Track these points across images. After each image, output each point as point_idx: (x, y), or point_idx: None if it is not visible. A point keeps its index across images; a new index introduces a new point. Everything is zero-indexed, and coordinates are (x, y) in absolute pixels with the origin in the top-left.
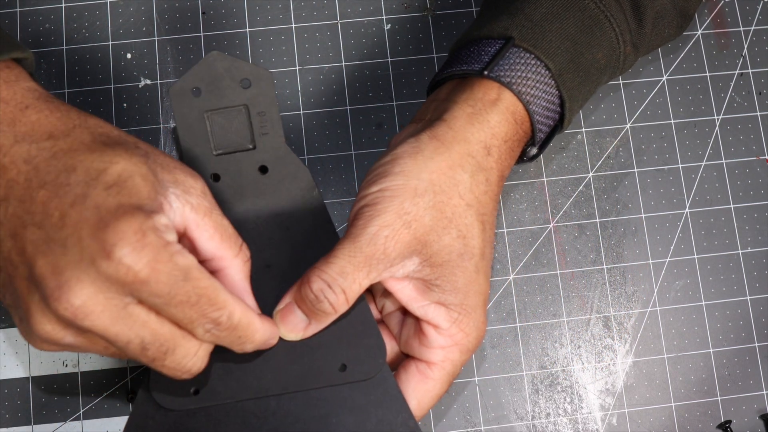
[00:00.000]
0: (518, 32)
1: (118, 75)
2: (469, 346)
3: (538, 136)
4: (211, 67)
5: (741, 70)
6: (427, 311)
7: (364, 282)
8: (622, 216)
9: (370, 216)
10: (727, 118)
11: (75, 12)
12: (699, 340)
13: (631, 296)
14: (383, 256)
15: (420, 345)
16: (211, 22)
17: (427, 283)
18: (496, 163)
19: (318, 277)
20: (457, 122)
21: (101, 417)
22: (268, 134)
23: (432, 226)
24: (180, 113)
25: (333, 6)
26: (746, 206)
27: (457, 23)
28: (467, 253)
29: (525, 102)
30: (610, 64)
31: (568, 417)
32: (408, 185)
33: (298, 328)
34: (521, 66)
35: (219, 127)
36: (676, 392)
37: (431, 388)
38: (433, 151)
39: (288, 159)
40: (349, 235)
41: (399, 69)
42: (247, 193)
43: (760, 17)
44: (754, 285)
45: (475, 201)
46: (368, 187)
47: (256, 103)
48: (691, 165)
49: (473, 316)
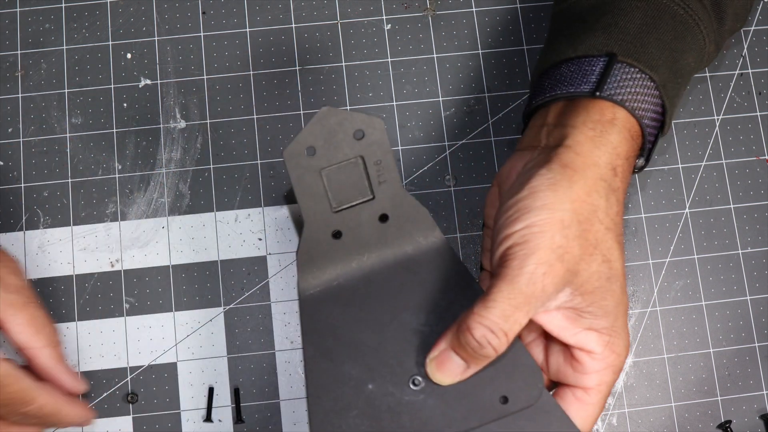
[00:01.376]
0: (619, 47)
1: (118, 75)
2: (620, 365)
3: (646, 147)
4: (323, 123)
5: (741, 70)
6: (580, 339)
7: (524, 321)
8: None
9: (525, 255)
10: (727, 118)
11: (75, 12)
12: (699, 340)
13: (631, 296)
14: (542, 294)
15: (574, 372)
16: (211, 22)
17: (578, 311)
18: (621, 182)
19: (480, 324)
20: (582, 147)
21: (101, 417)
22: (386, 182)
23: (581, 255)
24: (296, 175)
25: (333, 6)
26: (746, 206)
27: (457, 23)
28: (613, 276)
29: (638, 117)
30: (697, 65)
31: None
32: (554, 218)
33: (457, 374)
34: (629, 82)
35: (336, 183)
36: (676, 392)
37: (591, 412)
38: (569, 181)
39: (407, 203)
40: (504, 277)
41: (399, 69)
42: (370, 244)
43: (760, 17)
44: (754, 285)
45: (612, 224)
46: (512, 225)
47: (371, 152)
48: (691, 165)
49: (622, 336)
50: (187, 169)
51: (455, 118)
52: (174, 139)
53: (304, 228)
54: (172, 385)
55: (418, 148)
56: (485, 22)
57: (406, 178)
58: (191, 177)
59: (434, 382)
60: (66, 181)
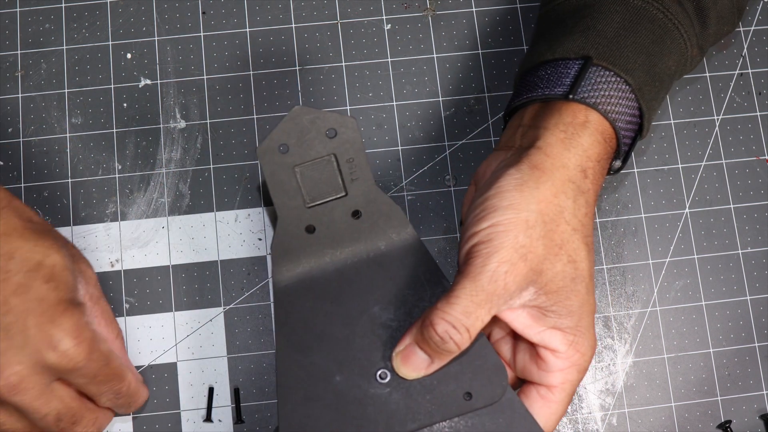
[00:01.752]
0: (595, 50)
1: (118, 75)
2: (585, 365)
3: (622, 150)
4: (296, 121)
5: (741, 70)
6: (544, 337)
7: (486, 318)
8: (622, 216)
9: (488, 253)
10: (727, 118)
11: (75, 12)
12: (699, 340)
13: (631, 296)
14: (503, 292)
15: (539, 370)
16: (211, 22)
17: (542, 310)
18: (592, 184)
19: (442, 319)
20: (552, 149)
21: None
22: (358, 179)
23: (545, 255)
24: (269, 171)
25: (333, 6)
26: (746, 206)
27: (457, 23)
28: (578, 276)
29: (612, 120)
30: (679, 69)
31: (568, 417)
32: (519, 218)
33: (421, 368)
34: (603, 85)
35: (309, 180)
36: (676, 392)
37: (555, 410)
38: (536, 181)
39: (379, 200)
40: (468, 274)
41: (399, 69)
42: (343, 239)
43: (760, 17)
44: (754, 285)
45: (579, 225)
46: (478, 224)
47: (343, 150)
48: (691, 165)
49: (587, 336)
50: (187, 169)
51: (455, 118)
52: (174, 139)
53: (278, 222)
54: (172, 385)
55: (418, 148)
56: (485, 22)
57: (406, 178)
58: (191, 177)
59: (400, 376)
60: (66, 181)
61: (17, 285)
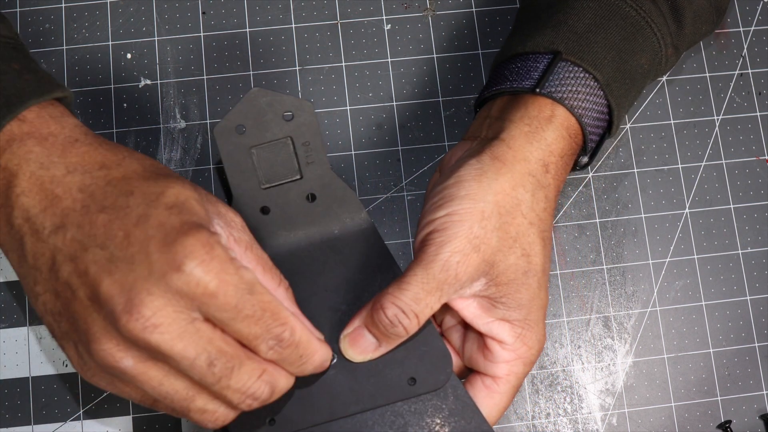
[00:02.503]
0: (564, 45)
1: (118, 75)
2: (531, 358)
3: (589, 146)
4: (253, 103)
5: (741, 70)
6: (492, 327)
7: (436, 306)
8: (622, 216)
9: (441, 242)
10: (727, 119)
11: (75, 12)
12: (699, 340)
13: (631, 296)
14: (454, 281)
15: (485, 360)
16: (211, 22)
17: (492, 300)
18: (553, 179)
19: (392, 304)
20: (515, 142)
21: (101, 417)
22: (314, 163)
23: (499, 246)
24: (226, 151)
25: (333, 6)
26: (746, 206)
27: (457, 23)
28: (531, 270)
29: (578, 116)
30: (653, 68)
31: (568, 417)
32: (475, 209)
33: (368, 351)
34: (571, 80)
35: (265, 161)
36: (676, 392)
37: (498, 401)
38: (495, 173)
39: (334, 184)
40: (420, 261)
41: (399, 69)
42: (297, 222)
43: (760, 17)
44: (754, 285)
45: (536, 219)
46: (435, 212)
47: (300, 134)
48: (691, 165)
49: (535, 330)
50: (187, 169)
51: (455, 118)
52: (174, 139)
53: (233, 203)
54: None
55: (418, 148)
56: (485, 22)
57: (406, 178)
58: (191, 177)
59: (346, 358)
60: None
61: (137, 217)
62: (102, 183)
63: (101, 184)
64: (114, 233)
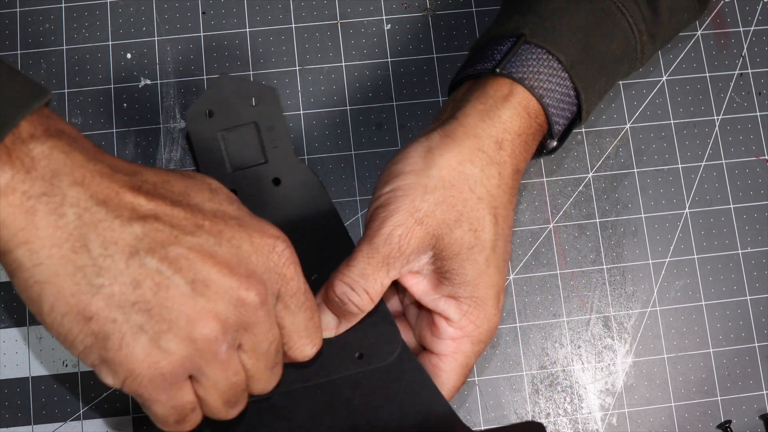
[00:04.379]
0: (529, 29)
1: (118, 75)
2: (480, 337)
3: (556, 129)
4: (220, 89)
5: (741, 70)
6: (438, 304)
7: (385, 281)
8: (622, 216)
9: (384, 217)
10: (727, 119)
11: (75, 12)
12: (699, 340)
13: (631, 296)
14: (399, 254)
15: (432, 336)
16: (211, 22)
17: (439, 276)
18: (509, 157)
19: (340, 281)
20: (468, 119)
21: (101, 417)
22: (278, 147)
23: (443, 219)
24: (195, 135)
25: (333, 6)
26: (746, 206)
27: (457, 23)
28: (478, 245)
29: (538, 96)
30: (627, 55)
31: (568, 417)
32: (418, 183)
33: (330, 327)
34: (533, 61)
35: (232, 145)
36: (676, 392)
37: (445, 380)
38: (442, 148)
39: (298, 169)
40: (365, 237)
41: (399, 69)
42: (263, 205)
43: (759, 17)
44: (754, 285)
45: (486, 194)
46: (381, 188)
47: (264, 119)
48: (691, 165)
49: (483, 308)
50: (186, 170)
51: None
52: (174, 139)
53: None
54: None
55: None
56: (485, 22)
57: None
58: None
59: None
60: None
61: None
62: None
63: (165, 177)
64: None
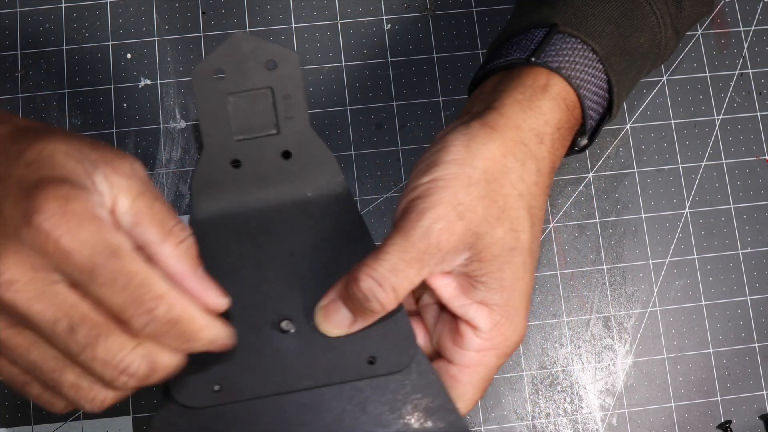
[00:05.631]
0: (561, 18)
1: (118, 75)
2: (506, 351)
3: (589, 124)
4: (236, 47)
5: (741, 70)
6: (468, 311)
7: (416, 279)
8: (622, 216)
9: (423, 208)
10: (727, 119)
11: (75, 12)
12: (699, 340)
13: (631, 296)
14: (436, 251)
15: (454, 345)
16: (211, 22)
17: (472, 279)
18: (548, 152)
19: (368, 276)
20: (508, 109)
21: (101, 417)
22: (293, 118)
23: (485, 216)
24: (201, 96)
25: (333, 6)
26: (746, 206)
27: (457, 23)
28: (518, 248)
29: (575, 87)
30: (652, 50)
31: (568, 417)
32: (461, 174)
33: (343, 326)
34: (568, 51)
35: (242, 111)
36: (676, 392)
37: (462, 393)
38: (485, 138)
39: (313, 144)
40: (400, 229)
41: (399, 69)
42: (269, 179)
43: (760, 17)
44: (754, 285)
45: (526, 192)
46: (419, 178)
47: (281, 85)
48: (691, 165)
49: (516, 320)
50: (187, 169)
51: (455, 118)
52: (174, 139)
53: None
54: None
55: (418, 148)
56: (485, 22)
57: (406, 178)
58: (191, 177)
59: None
60: None
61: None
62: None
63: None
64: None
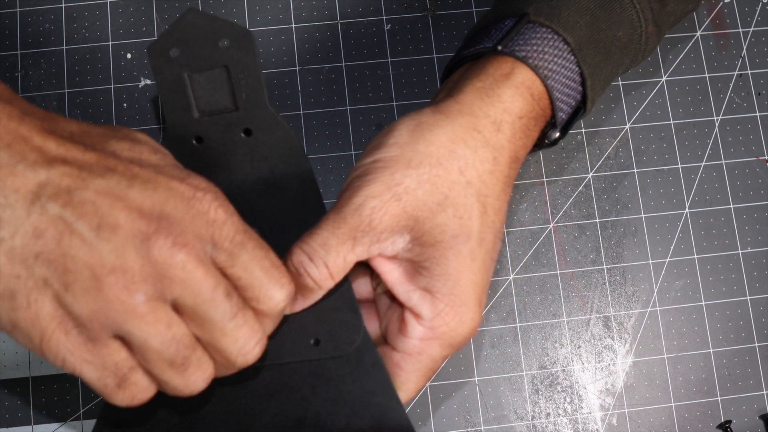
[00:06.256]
0: (534, 8)
1: (118, 75)
2: (451, 342)
3: (560, 116)
4: (190, 25)
5: (740, 71)
6: (412, 297)
7: (350, 257)
8: (622, 216)
9: (358, 186)
10: (727, 119)
11: (75, 12)
12: (699, 340)
13: (631, 296)
14: (369, 229)
15: (398, 333)
16: None
17: (416, 265)
18: (508, 142)
19: (299, 249)
20: (465, 97)
21: None
22: (251, 96)
23: (425, 200)
24: (160, 74)
25: (333, 6)
26: (746, 206)
27: (457, 23)
28: (463, 234)
29: (542, 77)
30: (632, 44)
31: (568, 417)
32: (402, 156)
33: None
34: (537, 40)
35: (200, 89)
36: (676, 392)
37: (404, 380)
38: (433, 124)
39: (272, 121)
40: (335, 207)
41: (399, 69)
42: (231, 156)
43: (759, 18)
44: (754, 285)
45: (477, 179)
46: (362, 159)
47: (237, 63)
48: (690, 165)
49: (461, 310)
50: None
51: None
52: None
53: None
54: None
55: None
56: None
57: None
58: None
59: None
60: None
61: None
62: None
63: (84, 127)
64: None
